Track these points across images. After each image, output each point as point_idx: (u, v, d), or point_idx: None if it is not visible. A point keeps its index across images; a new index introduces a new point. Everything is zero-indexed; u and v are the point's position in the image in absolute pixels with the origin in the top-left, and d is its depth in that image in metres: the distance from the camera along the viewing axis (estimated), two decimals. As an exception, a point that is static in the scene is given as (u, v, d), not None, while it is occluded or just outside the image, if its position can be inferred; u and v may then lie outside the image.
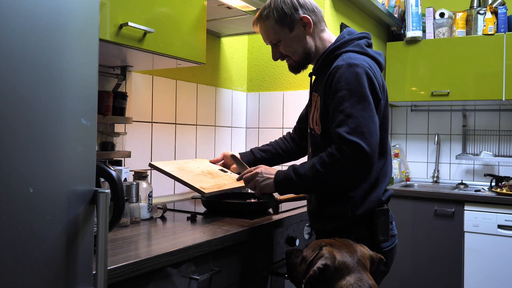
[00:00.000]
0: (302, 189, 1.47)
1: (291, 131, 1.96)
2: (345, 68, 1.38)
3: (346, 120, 1.33)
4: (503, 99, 3.08)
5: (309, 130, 1.60)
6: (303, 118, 1.88)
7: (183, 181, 1.55)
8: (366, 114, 1.34)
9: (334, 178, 1.36)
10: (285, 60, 1.62)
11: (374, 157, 1.33)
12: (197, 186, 1.48)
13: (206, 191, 1.40)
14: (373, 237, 1.46)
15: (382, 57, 1.54)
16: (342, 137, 1.32)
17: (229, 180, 1.69)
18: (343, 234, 1.44)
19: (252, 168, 1.55)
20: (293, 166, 1.44)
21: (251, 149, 1.92)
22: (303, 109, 1.91)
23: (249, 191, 1.75)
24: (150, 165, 1.71)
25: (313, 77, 1.63)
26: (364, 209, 1.45)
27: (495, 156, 3.41)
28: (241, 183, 1.61)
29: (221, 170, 1.80)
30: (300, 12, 1.52)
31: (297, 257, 1.37)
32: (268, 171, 1.51)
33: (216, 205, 1.84)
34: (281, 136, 1.98)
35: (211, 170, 1.73)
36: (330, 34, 1.60)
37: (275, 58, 1.62)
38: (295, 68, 1.61)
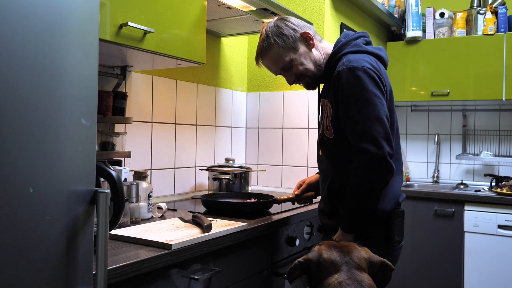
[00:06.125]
0: (356, 213, 1.44)
1: None
2: (347, 73, 1.42)
3: (355, 127, 1.39)
4: (503, 99, 3.08)
5: (319, 135, 1.62)
6: None
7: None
8: (373, 116, 1.37)
9: (366, 186, 1.40)
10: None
11: (386, 157, 1.36)
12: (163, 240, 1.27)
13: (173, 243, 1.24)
14: (388, 237, 1.49)
15: (383, 52, 1.57)
16: (355, 146, 1.39)
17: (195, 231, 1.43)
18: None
19: None
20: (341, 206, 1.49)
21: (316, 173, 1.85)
22: None
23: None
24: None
25: (321, 85, 1.66)
26: (380, 209, 1.47)
27: (495, 156, 3.41)
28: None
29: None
30: (299, 30, 1.57)
31: None
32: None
33: (216, 205, 1.84)
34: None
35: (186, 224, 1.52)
36: (327, 42, 1.67)
37: (290, 82, 1.64)
38: (312, 84, 1.64)
